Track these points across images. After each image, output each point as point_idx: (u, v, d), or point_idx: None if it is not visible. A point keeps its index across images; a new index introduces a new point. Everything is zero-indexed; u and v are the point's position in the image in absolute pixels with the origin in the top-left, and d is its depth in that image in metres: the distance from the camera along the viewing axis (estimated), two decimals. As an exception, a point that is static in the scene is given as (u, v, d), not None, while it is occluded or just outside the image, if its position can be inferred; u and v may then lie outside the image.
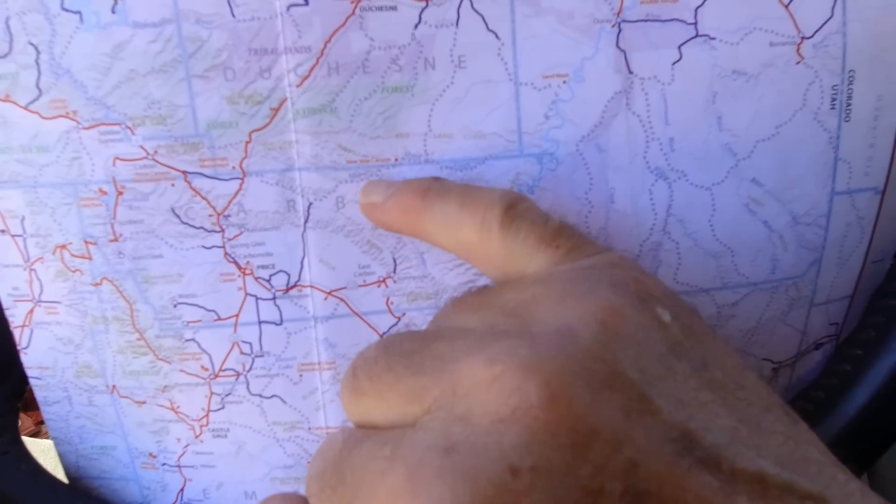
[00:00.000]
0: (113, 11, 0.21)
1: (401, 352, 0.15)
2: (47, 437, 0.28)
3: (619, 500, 0.12)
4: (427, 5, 0.21)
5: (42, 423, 0.27)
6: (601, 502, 0.12)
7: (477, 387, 0.13)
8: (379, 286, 0.23)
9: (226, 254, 0.23)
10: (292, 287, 0.23)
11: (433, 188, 0.20)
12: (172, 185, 0.22)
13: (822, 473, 0.14)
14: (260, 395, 0.24)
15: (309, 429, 0.25)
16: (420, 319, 0.23)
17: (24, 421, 0.70)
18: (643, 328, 0.14)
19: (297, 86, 0.21)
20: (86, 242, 0.23)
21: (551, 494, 0.12)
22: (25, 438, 0.28)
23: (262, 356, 0.24)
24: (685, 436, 0.13)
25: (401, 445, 0.13)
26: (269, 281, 0.23)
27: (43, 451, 0.30)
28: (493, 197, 0.18)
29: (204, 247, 0.23)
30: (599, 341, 0.14)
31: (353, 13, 0.21)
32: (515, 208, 0.18)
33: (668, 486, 0.12)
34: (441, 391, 0.14)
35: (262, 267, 0.23)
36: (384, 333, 0.24)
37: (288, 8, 0.20)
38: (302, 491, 0.25)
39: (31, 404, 0.27)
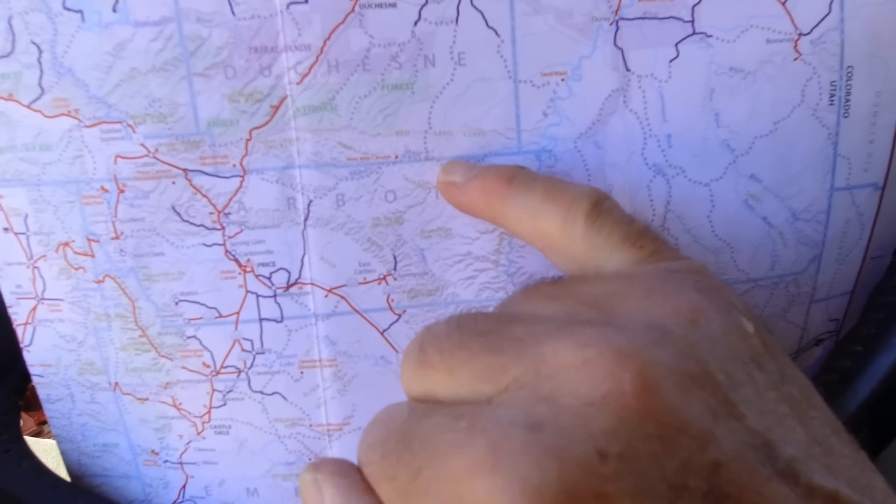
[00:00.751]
0: (114, 10, 0.21)
1: (476, 330, 0.15)
2: (49, 437, 0.28)
3: (701, 499, 0.12)
4: (427, 2, 0.21)
5: (44, 422, 0.27)
6: (684, 498, 0.12)
7: (565, 369, 0.13)
8: (379, 283, 0.23)
9: (226, 251, 0.23)
10: (293, 284, 0.23)
11: (519, 175, 0.20)
12: (173, 182, 0.22)
13: (887, 503, 0.14)
14: (261, 392, 0.24)
15: (310, 426, 0.25)
16: (420, 317, 0.24)
17: (27, 421, 0.70)
18: (728, 334, 0.14)
19: (298, 83, 0.21)
20: (88, 240, 0.23)
21: (637, 483, 0.12)
22: (27, 438, 0.28)
23: (263, 353, 0.24)
24: (766, 445, 0.13)
25: (479, 419, 0.13)
26: (269, 278, 0.23)
27: (45, 451, 0.30)
28: (580, 191, 0.19)
29: (205, 244, 0.23)
30: (690, 340, 0.14)
31: (353, 11, 0.21)
32: (602, 205, 0.18)
33: (749, 493, 0.12)
34: (523, 371, 0.13)
35: (263, 265, 0.23)
36: (384, 331, 0.24)
37: (288, 6, 0.21)
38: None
39: (33, 404, 0.27)
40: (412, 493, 0.13)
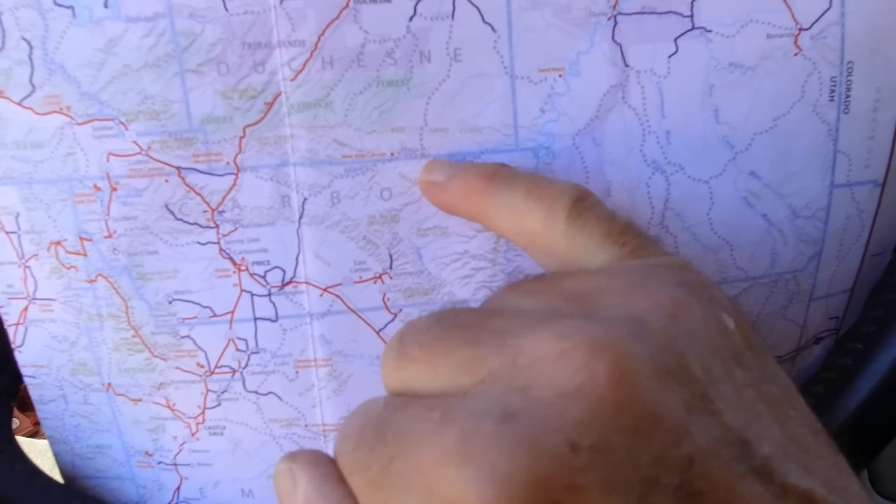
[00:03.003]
0: (105, 6, 0.20)
1: (456, 323, 0.15)
2: (45, 438, 0.27)
3: (673, 494, 0.12)
4: (422, -2, 0.20)
5: (39, 423, 0.26)
6: (656, 492, 0.12)
7: (541, 360, 0.13)
8: (375, 282, 0.23)
9: (221, 250, 0.23)
10: (287, 283, 0.23)
11: (500, 173, 0.20)
12: (166, 180, 0.22)
13: None
14: (256, 392, 0.24)
15: (305, 426, 0.24)
16: (417, 316, 0.23)
17: (23, 421, 0.69)
18: (709, 329, 0.14)
19: (292, 80, 0.21)
20: (81, 239, 0.23)
21: (608, 476, 0.12)
22: (23, 439, 0.27)
23: (257, 353, 0.24)
24: (742, 442, 0.13)
25: (452, 410, 0.13)
26: (264, 277, 0.23)
27: (40, 452, 0.30)
28: (561, 188, 0.18)
29: (199, 243, 0.23)
30: (669, 333, 0.13)
31: (347, 6, 0.20)
32: (584, 202, 0.18)
33: (722, 489, 0.12)
34: (500, 363, 0.13)
35: (258, 263, 0.23)
36: (380, 330, 0.23)
37: (281, 1, 0.20)
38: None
39: (28, 404, 0.27)
40: (383, 484, 0.13)
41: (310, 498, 0.15)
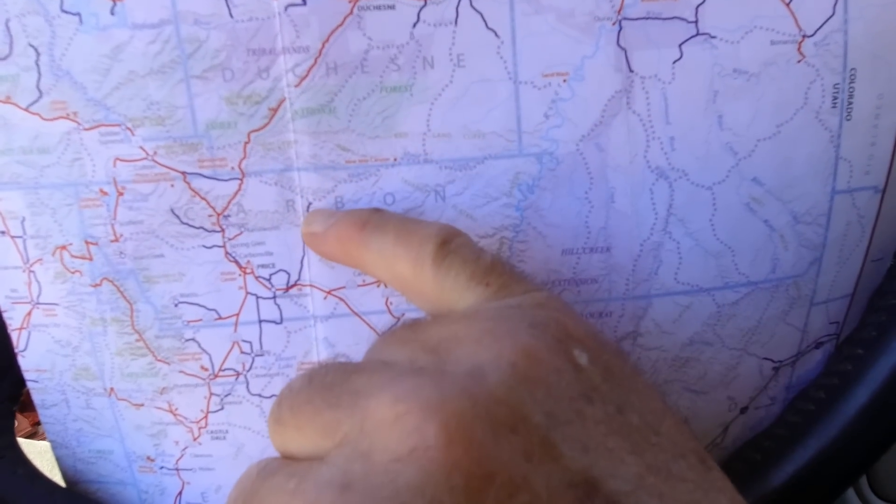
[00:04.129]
0: (112, 13, 0.20)
1: (323, 384, 0.15)
2: (44, 439, 0.27)
3: None
4: (425, 4, 0.21)
5: (39, 423, 0.26)
6: None
7: (381, 424, 0.13)
8: (378, 286, 0.23)
9: (226, 253, 0.23)
10: (292, 286, 0.23)
11: (372, 220, 0.20)
12: (172, 185, 0.22)
13: None
14: (260, 395, 0.24)
15: (309, 430, 0.24)
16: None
17: (21, 422, 0.69)
18: (556, 371, 0.14)
19: (296, 86, 0.21)
20: (86, 243, 0.23)
21: None
22: (22, 440, 0.27)
23: (262, 355, 0.24)
24: (587, 482, 0.13)
25: (305, 480, 0.13)
26: (269, 280, 0.23)
27: (39, 453, 0.30)
28: (428, 232, 0.18)
29: (204, 246, 0.23)
30: (506, 384, 0.14)
31: (351, 13, 0.21)
32: (449, 244, 0.18)
33: None
34: (351, 426, 0.14)
35: (263, 266, 0.23)
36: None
37: (286, 8, 0.20)
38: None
39: (27, 405, 0.27)
40: None
41: None
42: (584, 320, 0.17)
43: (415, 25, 0.21)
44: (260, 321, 0.23)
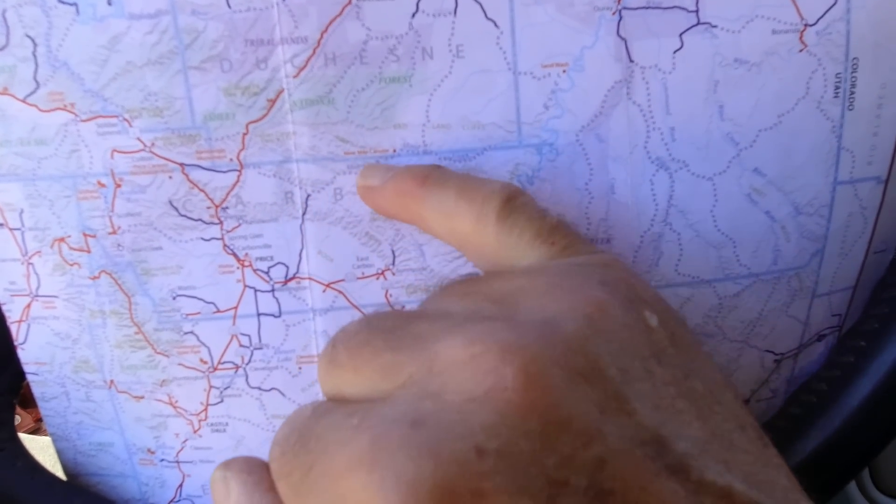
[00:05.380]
0: (109, 3, 0.20)
1: (382, 328, 0.15)
2: (47, 435, 0.27)
3: (582, 495, 0.12)
4: (425, -6, 0.20)
5: (41, 419, 0.26)
6: (564, 495, 0.12)
7: (453, 365, 0.13)
8: (378, 278, 0.23)
9: (224, 246, 0.23)
10: (291, 279, 0.23)
11: (432, 175, 0.20)
12: (170, 177, 0.22)
13: (786, 499, 0.13)
14: (259, 388, 0.24)
15: (308, 423, 0.24)
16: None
17: (24, 418, 0.69)
18: (628, 328, 0.14)
19: (294, 77, 0.21)
20: (84, 235, 0.23)
21: (515, 480, 0.12)
22: (25, 436, 0.27)
23: (260, 349, 0.24)
24: (657, 440, 0.13)
25: (368, 416, 0.13)
26: (267, 273, 0.23)
27: (42, 449, 0.30)
28: (491, 188, 0.18)
29: (203, 239, 0.23)
30: (582, 334, 0.13)
31: (350, 3, 0.20)
32: (514, 202, 0.18)
33: (634, 489, 0.12)
34: (417, 368, 0.13)
35: (261, 259, 0.23)
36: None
37: (285, -2, 0.20)
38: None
39: (30, 401, 0.27)
40: (303, 491, 0.13)
41: None
42: (649, 284, 0.16)
43: (413, 15, 0.21)
44: (258, 314, 0.23)
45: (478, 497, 0.11)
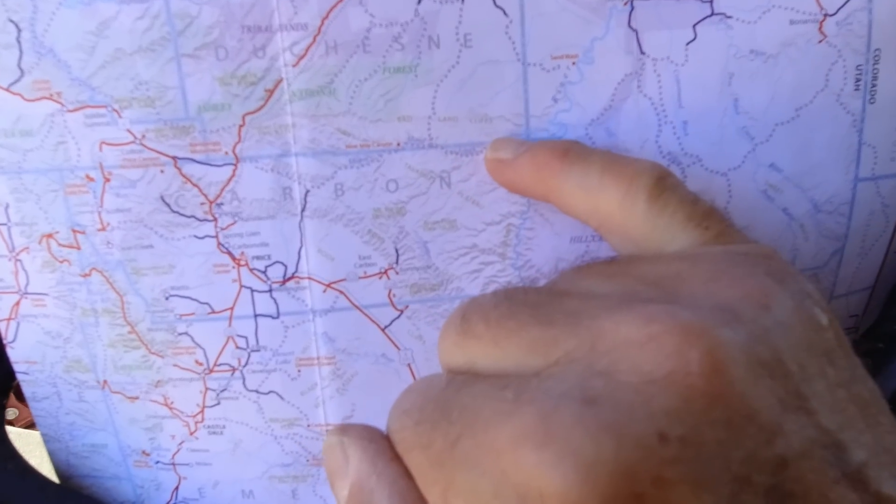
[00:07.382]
0: (98, -13, 0.19)
1: (526, 301, 0.14)
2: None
3: (764, 495, 0.11)
4: (430, -20, 0.20)
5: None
6: (746, 492, 0.11)
7: (626, 344, 0.12)
8: (380, 278, 0.22)
9: (219, 244, 0.22)
10: (289, 279, 0.22)
11: (573, 149, 0.19)
12: (161, 171, 0.21)
13: None
14: (257, 391, 0.23)
15: (308, 426, 0.24)
16: (423, 312, 0.23)
17: (22, 412, 0.69)
18: (802, 323, 0.13)
19: (294, 66, 0.20)
20: (73, 231, 0.22)
21: (698, 471, 0.11)
22: (21, 430, 0.27)
23: (258, 351, 0.23)
24: (836, 445, 0.12)
25: (527, 390, 0.12)
26: (265, 272, 0.22)
27: (39, 444, 0.29)
28: (641, 166, 0.17)
29: (196, 236, 0.22)
30: (762, 324, 0.13)
31: (352, -12, 0.20)
32: (665, 181, 0.17)
33: (814, 494, 0.11)
34: (576, 345, 0.13)
35: (258, 258, 0.22)
36: (385, 327, 0.23)
37: (283, -17, 0.19)
38: (302, 492, 0.25)
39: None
40: (447, 463, 0.13)
41: (362, 474, 0.14)
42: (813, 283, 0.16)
43: (420, 2, 0.20)
44: (255, 315, 0.23)
45: (658, 485, 0.11)
